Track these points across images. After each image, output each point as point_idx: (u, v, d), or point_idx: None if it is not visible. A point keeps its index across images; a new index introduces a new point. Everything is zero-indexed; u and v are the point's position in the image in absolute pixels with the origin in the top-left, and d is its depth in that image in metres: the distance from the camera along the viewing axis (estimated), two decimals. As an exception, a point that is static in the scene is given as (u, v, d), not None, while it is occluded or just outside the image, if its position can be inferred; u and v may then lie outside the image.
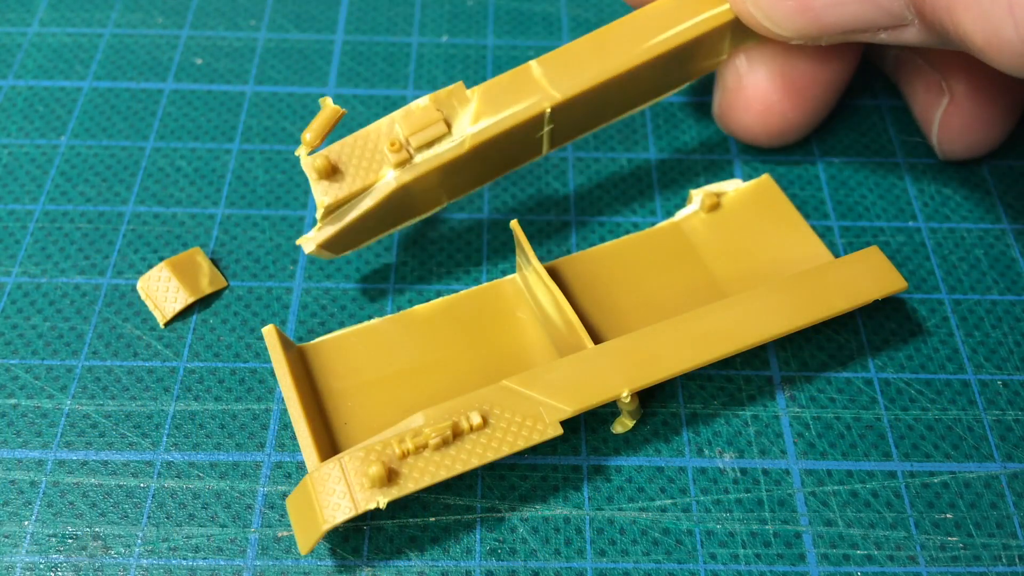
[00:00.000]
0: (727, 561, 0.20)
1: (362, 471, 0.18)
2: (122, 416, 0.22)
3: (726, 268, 0.24)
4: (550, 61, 0.22)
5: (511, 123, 0.22)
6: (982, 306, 0.24)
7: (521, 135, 0.22)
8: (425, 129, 0.21)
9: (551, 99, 0.22)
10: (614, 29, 0.23)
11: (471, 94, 0.22)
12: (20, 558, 0.20)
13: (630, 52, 0.22)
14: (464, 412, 0.19)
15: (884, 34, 0.22)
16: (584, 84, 0.22)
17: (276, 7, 0.31)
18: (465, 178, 0.23)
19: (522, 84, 0.22)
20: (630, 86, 0.23)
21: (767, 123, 0.25)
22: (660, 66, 0.23)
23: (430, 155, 0.21)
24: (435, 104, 0.22)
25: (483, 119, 0.22)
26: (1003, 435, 0.22)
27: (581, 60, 0.22)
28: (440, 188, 0.23)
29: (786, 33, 0.22)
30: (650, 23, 0.23)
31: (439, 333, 0.23)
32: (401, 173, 0.21)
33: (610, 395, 0.20)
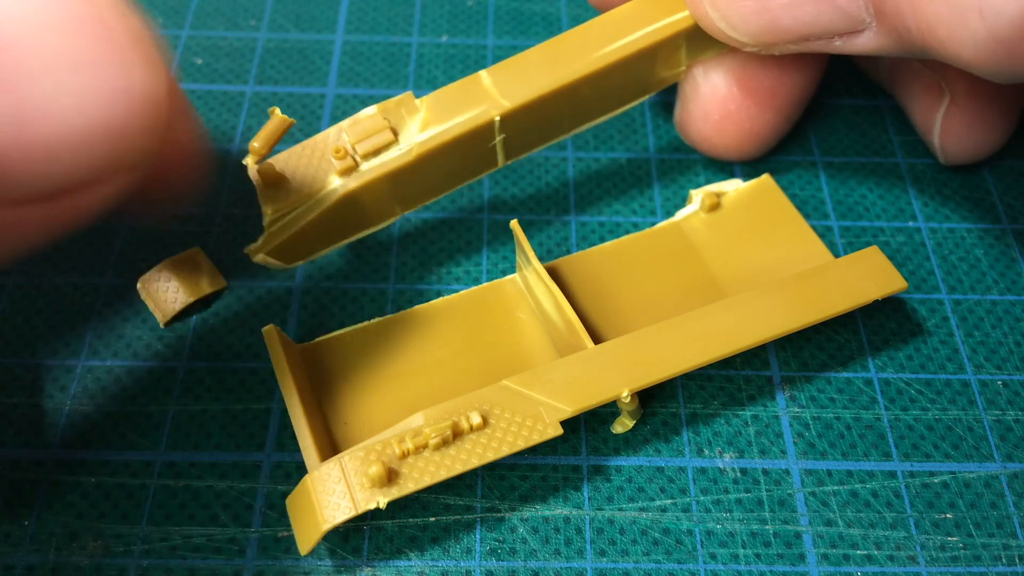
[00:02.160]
0: (727, 561, 0.20)
1: (362, 471, 0.18)
2: (122, 416, 0.22)
3: (726, 268, 0.24)
4: (500, 70, 0.22)
5: (459, 131, 0.21)
6: (982, 306, 0.24)
7: (471, 144, 0.22)
8: (371, 137, 0.21)
9: (500, 108, 0.22)
10: (566, 39, 0.22)
11: (420, 103, 0.22)
12: (20, 558, 0.20)
13: (580, 62, 0.22)
14: (464, 412, 0.19)
15: (839, 41, 0.21)
16: (533, 93, 0.22)
17: (276, 7, 0.31)
18: (417, 188, 0.23)
19: (471, 93, 0.22)
20: (583, 96, 0.23)
21: (725, 133, 0.25)
22: (613, 76, 0.23)
23: (376, 163, 0.21)
24: (383, 113, 0.22)
25: (431, 127, 0.21)
26: (1003, 435, 0.22)
27: (531, 69, 0.22)
28: (391, 198, 0.22)
29: (742, 37, 0.22)
30: (602, 33, 0.22)
31: (439, 333, 0.23)
32: (347, 181, 0.21)
33: (610, 395, 0.20)
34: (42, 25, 0.14)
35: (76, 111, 0.14)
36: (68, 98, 0.14)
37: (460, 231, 0.26)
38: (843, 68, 0.29)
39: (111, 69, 0.15)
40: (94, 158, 0.15)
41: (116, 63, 0.15)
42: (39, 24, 0.14)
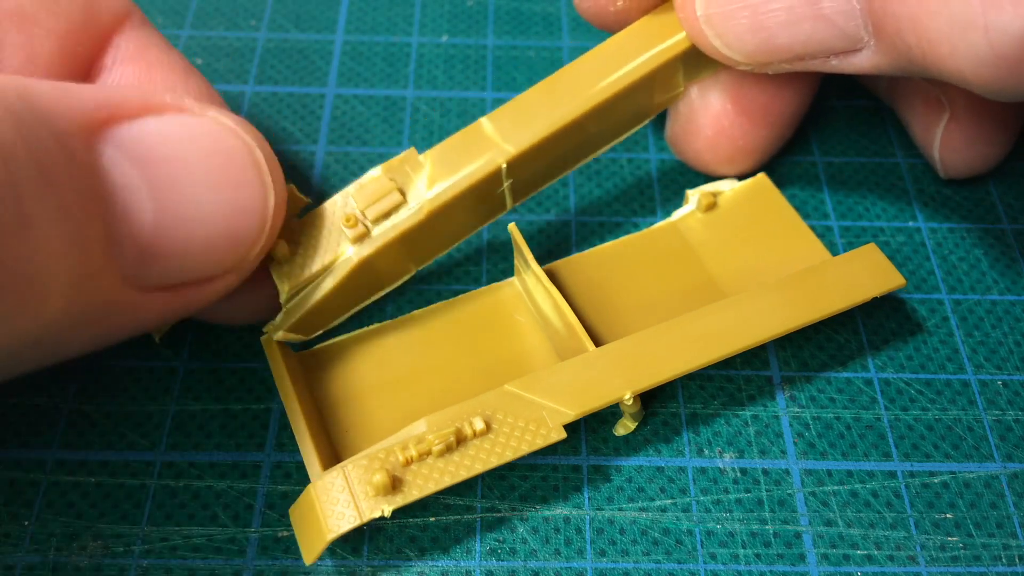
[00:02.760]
0: (727, 561, 0.20)
1: (366, 479, 0.18)
2: (122, 416, 0.22)
3: (724, 267, 0.24)
4: (500, 116, 0.22)
5: (467, 184, 0.21)
6: (982, 306, 0.24)
7: (480, 194, 0.22)
8: (380, 200, 0.21)
9: (505, 154, 0.21)
10: (563, 75, 0.22)
11: (424, 159, 0.21)
12: (20, 558, 0.20)
13: (581, 97, 0.22)
14: (467, 418, 0.19)
15: (835, 60, 0.21)
16: (537, 135, 0.21)
17: (276, 7, 0.31)
18: (430, 245, 0.22)
19: (474, 142, 0.21)
20: (586, 130, 0.23)
21: (718, 149, 0.25)
22: (614, 107, 0.22)
23: (388, 226, 0.21)
24: (387, 173, 0.21)
25: (438, 183, 0.21)
26: (1003, 435, 0.22)
27: (532, 111, 0.22)
28: (405, 258, 0.22)
29: (737, 56, 0.22)
30: (599, 65, 0.22)
31: (438, 338, 0.23)
32: (360, 248, 0.21)
33: (613, 398, 0.20)
34: (195, 147, 0.18)
35: (210, 221, 0.18)
36: (206, 210, 0.18)
37: (460, 231, 0.25)
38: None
39: (239, 190, 0.18)
40: (217, 259, 0.18)
41: (243, 184, 0.18)
42: (193, 146, 0.18)
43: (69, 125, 0.16)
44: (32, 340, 0.16)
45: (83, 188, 0.16)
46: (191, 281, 0.18)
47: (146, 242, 0.17)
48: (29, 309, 0.15)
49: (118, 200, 0.16)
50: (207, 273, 0.18)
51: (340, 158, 0.27)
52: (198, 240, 0.18)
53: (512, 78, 0.29)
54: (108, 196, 0.16)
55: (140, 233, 0.17)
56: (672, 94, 0.24)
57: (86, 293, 0.16)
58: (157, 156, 0.17)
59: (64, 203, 0.15)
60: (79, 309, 0.16)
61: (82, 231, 0.16)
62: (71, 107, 0.16)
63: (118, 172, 0.16)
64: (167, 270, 0.18)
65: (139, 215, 0.17)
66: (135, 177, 0.17)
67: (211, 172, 0.18)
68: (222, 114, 0.19)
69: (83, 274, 0.16)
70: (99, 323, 0.17)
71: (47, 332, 0.16)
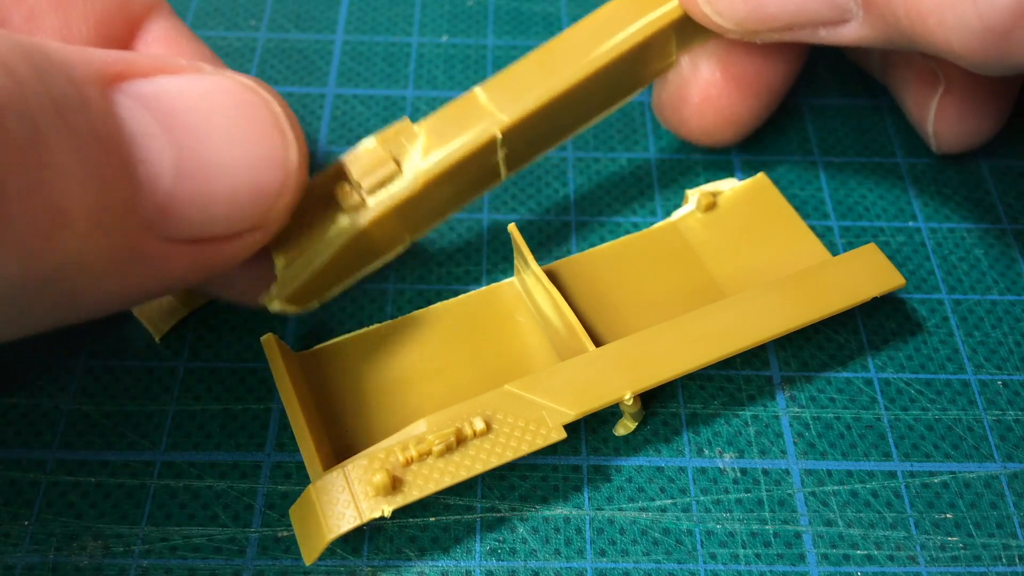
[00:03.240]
0: (727, 561, 0.20)
1: (366, 480, 0.18)
2: (122, 416, 0.22)
3: (724, 267, 0.24)
4: (495, 84, 0.22)
5: (462, 153, 0.21)
6: (982, 306, 0.24)
7: (475, 163, 0.22)
8: (375, 171, 0.21)
9: (500, 123, 0.21)
10: (557, 44, 0.22)
11: (418, 129, 0.21)
12: (20, 558, 0.20)
13: (575, 66, 0.22)
14: (467, 418, 0.19)
15: (824, 31, 0.21)
16: (532, 104, 0.21)
17: (276, 7, 0.31)
18: (424, 214, 0.22)
19: (469, 112, 0.21)
20: (580, 99, 0.23)
21: (704, 117, 0.25)
22: (608, 76, 0.22)
23: (383, 196, 0.21)
24: (382, 144, 0.21)
25: (433, 153, 0.21)
26: (1003, 435, 0.22)
27: (526, 80, 0.22)
28: (401, 228, 0.22)
29: (727, 23, 0.22)
30: (593, 34, 0.22)
31: (438, 338, 0.23)
32: (356, 218, 0.21)
33: (613, 398, 0.20)
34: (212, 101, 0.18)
35: (232, 171, 0.18)
36: (227, 160, 0.18)
37: (460, 231, 0.26)
38: (842, 66, 0.29)
39: (259, 142, 0.18)
40: (241, 211, 0.18)
41: (263, 137, 0.18)
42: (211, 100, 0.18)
43: (83, 73, 0.16)
44: (50, 276, 0.15)
45: (99, 129, 0.16)
46: (216, 235, 0.18)
47: (168, 189, 0.17)
48: (45, 235, 0.15)
49: (137, 146, 0.16)
50: (232, 227, 0.18)
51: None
52: (221, 191, 0.17)
53: (512, 78, 0.29)
54: (126, 141, 0.16)
55: (161, 179, 0.17)
56: (665, 63, 0.24)
57: (106, 232, 0.16)
58: (174, 107, 0.17)
59: (80, 137, 0.15)
60: (99, 249, 0.16)
61: (100, 167, 0.15)
62: (85, 59, 0.16)
63: (136, 119, 0.16)
64: (191, 220, 0.17)
65: (159, 162, 0.17)
66: (153, 125, 0.17)
67: (230, 124, 0.18)
68: (237, 74, 0.19)
69: (103, 210, 0.16)
70: (121, 273, 0.17)
71: (66, 270, 0.16)
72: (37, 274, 0.15)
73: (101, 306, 0.18)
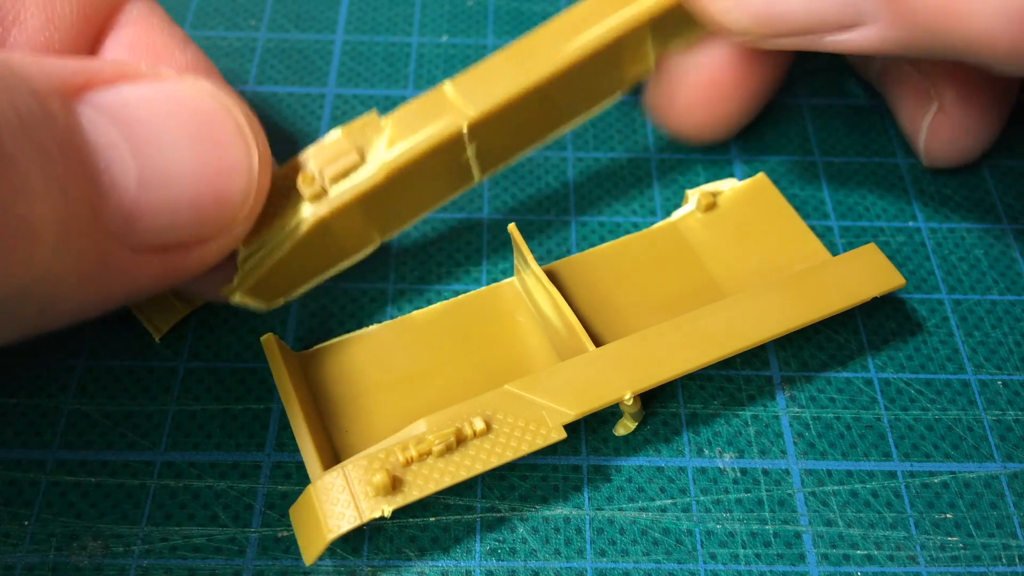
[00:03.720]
0: (727, 561, 0.20)
1: (366, 480, 0.18)
2: (122, 416, 0.22)
3: (724, 267, 0.24)
4: (463, 79, 0.22)
5: (427, 145, 0.21)
6: (982, 306, 0.24)
7: (442, 158, 0.22)
8: (338, 160, 0.21)
9: (466, 116, 0.21)
10: (527, 40, 0.22)
11: (385, 122, 0.21)
12: (20, 558, 0.20)
13: (544, 61, 0.22)
14: (467, 418, 0.19)
15: (830, 37, 0.20)
16: (499, 98, 0.21)
17: (276, 7, 0.31)
18: (391, 211, 0.22)
19: (435, 105, 0.21)
20: (552, 97, 0.22)
21: (694, 116, 0.25)
22: (581, 73, 0.22)
23: (346, 186, 0.20)
24: (348, 135, 0.21)
25: (397, 144, 0.21)
26: (1003, 435, 0.22)
27: (495, 75, 0.22)
28: (366, 223, 0.22)
29: (732, 25, 0.21)
30: (563, 30, 0.22)
31: (438, 339, 0.23)
32: (317, 208, 0.20)
33: (613, 398, 0.20)
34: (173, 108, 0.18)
35: (194, 179, 0.18)
36: (189, 168, 0.18)
37: (460, 231, 0.26)
38: (842, 67, 0.29)
39: (221, 149, 0.18)
40: (205, 218, 0.18)
41: (225, 144, 0.18)
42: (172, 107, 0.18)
43: (46, 86, 0.16)
44: (23, 290, 0.16)
45: (64, 142, 0.16)
46: (182, 242, 0.18)
47: (131, 199, 0.17)
48: (17, 253, 0.15)
49: (100, 157, 0.17)
50: (197, 234, 0.18)
51: (340, 158, 0.27)
52: (184, 199, 0.18)
53: (512, 78, 0.29)
54: (90, 153, 0.16)
55: (125, 190, 0.17)
56: (642, 66, 0.24)
57: (74, 244, 0.16)
58: (136, 117, 0.17)
59: (46, 153, 0.15)
60: (69, 261, 0.16)
61: (66, 181, 0.16)
62: (47, 72, 0.16)
63: (98, 131, 0.17)
64: (155, 229, 0.18)
65: (122, 173, 0.17)
66: (115, 136, 0.17)
67: (191, 132, 0.18)
68: (199, 79, 0.19)
69: (70, 223, 0.16)
70: (91, 282, 0.17)
71: (38, 284, 0.16)
72: (9, 291, 0.15)
73: (72, 315, 0.18)
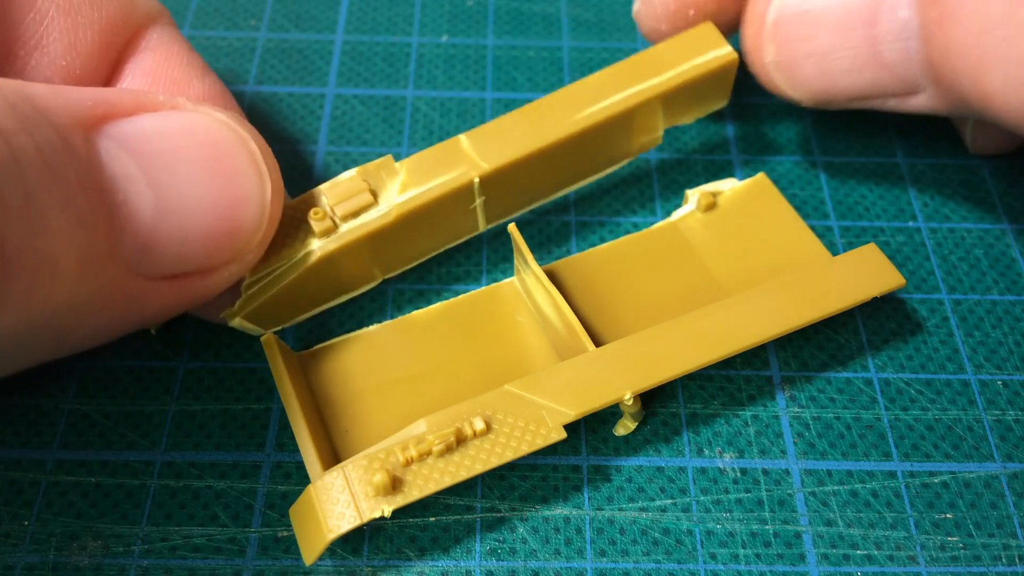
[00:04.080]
0: (727, 561, 0.20)
1: (366, 479, 0.18)
2: (122, 416, 0.22)
3: (724, 268, 0.24)
4: (479, 134, 0.22)
5: (438, 193, 0.22)
6: (982, 306, 0.24)
7: (451, 206, 0.22)
8: (351, 198, 0.21)
9: (479, 169, 0.22)
10: (544, 103, 0.23)
11: (400, 166, 0.22)
12: (20, 558, 0.20)
13: (557, 125, 0.22)
14: (467, 418, 0.19)
15: (893, 101, 0.22)
16: (511, 155, 0.22)
17: (276, 7, 0.31)
18: (397, 252, 0.23)
19: (450, 156, 0.22)
20: (561, 160, 0.23)
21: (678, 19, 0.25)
22: (590, 140, 0.23)
23: (356, 224, 0.21)
24: (362, 176, 0.22)
25: (410, 189, 0.22)
26: (1003, 435, 0.22)
27: (510, 132, 0.22)
28: (371, 262, 0.22)
29: (799, 96, 0.23)
30: (579, 98, 0.23)
31: (438, 339, 0.23)
32: (326, 243, 0.21)
33: (613, 398, 0.20)
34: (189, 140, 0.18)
35: (208, 210, 0.18)
36: (204, 199, 0.18)
37: (460, 231, 0.25)
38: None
39: (235, 180, 0.19)
40: (217, 248, 0.19)
41: (239, 175, 0.19)
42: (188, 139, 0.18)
43: (67, 120, 0.17)
44: (42, 323, 0.16)
45: (84, 176, 0.16)
46: (194, 271, 0.19)
47: (147, 230, 0.17)
48: (39, 289, 0.15)
49: (118, 189, 0.17)
50: (209, 262, 0.19)
51: (340, 158, 0.27)
52: (198, 229, 0.18)
53: (512, 78, 0.29)
54: (108, 185, 0.17)
55: (141, 221, 0.17)
56: (651, 137, 0.25)
57: (93, 276, 0.17)
58: (153, 148, 0.18)
59: (67, 188, 0.16)
60: (87, 293, 0.17)
61: (86, 215, 0.16)
62: (68, 105, 0.17)
63: (116, 164, 0.17)
64: (169, 258, 0.18)
65: (139, 204, 0.17)
66: (133, 168, 0.17)
67: (206, 163, 0.18)
68: (215, 110, 0.19)
69: (89, 257, 0.16)
70: (106, 310, 0.18)
71: (56, 315, 0.16)
72: (30, 324, 0.16)
73: (86, 343, 0.18)
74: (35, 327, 0.16)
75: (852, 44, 0.22)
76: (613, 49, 0.30)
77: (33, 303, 0.16)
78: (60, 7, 0.20)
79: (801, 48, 0.22)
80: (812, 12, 0.22)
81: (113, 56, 0.21)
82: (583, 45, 0.30)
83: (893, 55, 0.21)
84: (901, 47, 0.21)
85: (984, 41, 0.19)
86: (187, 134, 0.18)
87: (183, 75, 0.21)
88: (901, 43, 0.21)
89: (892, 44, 0.21)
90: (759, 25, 0.23)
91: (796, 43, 0.22)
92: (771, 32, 0.22)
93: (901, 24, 0.21)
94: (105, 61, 0.21)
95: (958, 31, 0.19)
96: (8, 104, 0.15)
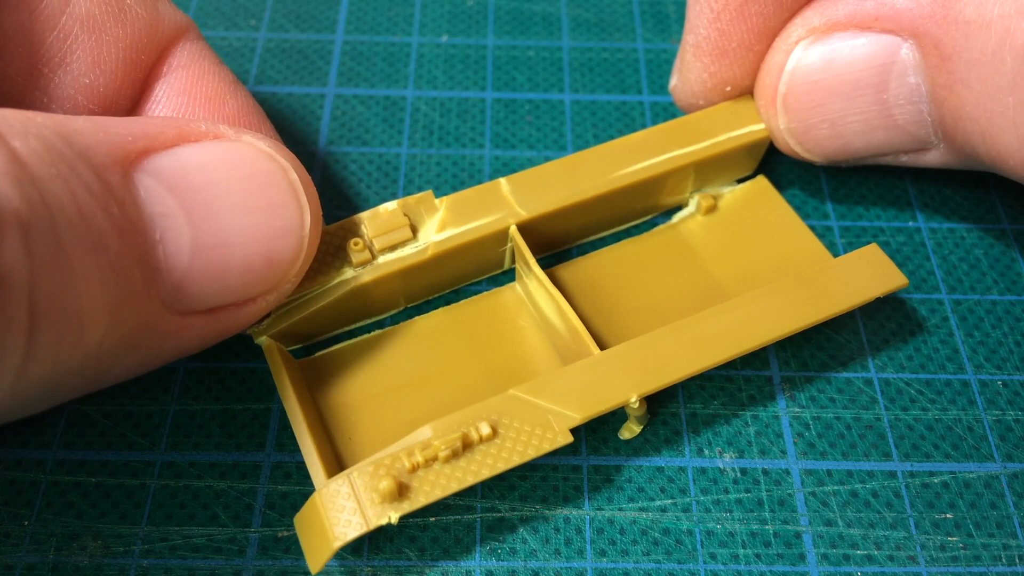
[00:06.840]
0: (727, 561, 0.20)
1: (372, 486, 0.18)
2: (122, 416, 0.22)
3: (725, 270, 0.24)
4: (520, 180, 0.23)
5: (475, 235, 0.22)
6: (982, 306, 0.24)
7: (484, 248, 0.23)
8: (391, 232, 0.21)
9: (517, 216, 0.22)
10: (586, 157, 0.23)
11: (439, 203, 0.22)
12: (20, 558, 0.20)
13: (596, 180, 0.23)
14: (473, 423, 0.19)
15: (905, 157, 0.23)
16: (549, 206, 0.22)
17: (276, 7, 0.31)
18: (424, 284, 0.23)
19: (490, 198, 0.22)
20: (593, 212, 0.23)
21: None
22: (624, 197, 0.23)
23: (392, 258, 0.21)
24: (403, 209, 0.22)
25: (448, 228, 0.22)
26: (1003, 435, 0.22)
27: (549, 183, 0.23)
28: (400, 292, 0.23)
29: (813, 157, 0.24)
30: (619, 156, 0.23)
31: (440, 344, 0.23)
32: (361, 273, 0.21)
33: (619, 401, 0.20)
34: (231, 172, 0.18)
35: (248, 244, 0.18)
36: (244, 233, 0.18)
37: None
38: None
39: (275, 212, 0.18)
40: (255, 281, 0.18)
41: (280, 207, 0.18)
42: (229, 172, 0.18)
43: (106, 159, 0.16)
44: (74, 369, 0.16)
45: (120, 220, 0.16)
46: (230, 303, 0.18)
47: (184, 267, 0.17)
48: (68, 340, 0.15)
49: (156, 228, 0.17)
50: (246, 295, 0.18)
51: (340, 158, 0.27)
52: (236, 263, 0.18)
53: (512, 78, 0.29)
54: (146, 226, 0.16)
55: (178, 259, 0.17)
56: (679, 197, 0.25)
57: (125, 321, 0.16)
58: (194, 183, 0.17)
59: (101, 236, 0.15)
60: (119, 336, 0.16)
61: (119, 261, 0.16)
62: (107, 140, 0.16)
63: (155, 201, 0.17)
64: (206, 294, 0.18)
65: (177, 242, 0.17)
66: (172, 205, 0.17)
67: (247, 196, 0.18)
68: (257, 138, 0.19)
69: (122, 303, 0.16)
70: (140, 349, 0.17)
71: (88, 361, 0.16)
72: (61, 371, 0.16)
73: (118, 379, 0.18)
74: (66, 372, 0.16)
75: (863, 109, 0.22)
76: (613, 49, 0.30)
77: (62, 353, 0.15)
78: (84, 25, 0.20)
79: (813, 115, 0.23)
80: (823, 82, 0.22)
81: (140, 74, 0.21)
82: (583, 45, 0.30)
83: (905, 117, 0.22)
84: (912, 109, 0.21)
85: (994, 105, 0.19)
86: (229, 166, 0.18)
87: (216, 92, 0.21)
88: (912, 106, 0.21)
89: (903, 107, 0.21)
90: (771, 97, 0.23)
91: (808, 111, 0.23)
92: (783, 103, 0.23)
93: (911, 89, 0.21)
94: (131, 78, 0.20)
95: (968, 95, 0.20)
96: (45, 147, 0.15)
